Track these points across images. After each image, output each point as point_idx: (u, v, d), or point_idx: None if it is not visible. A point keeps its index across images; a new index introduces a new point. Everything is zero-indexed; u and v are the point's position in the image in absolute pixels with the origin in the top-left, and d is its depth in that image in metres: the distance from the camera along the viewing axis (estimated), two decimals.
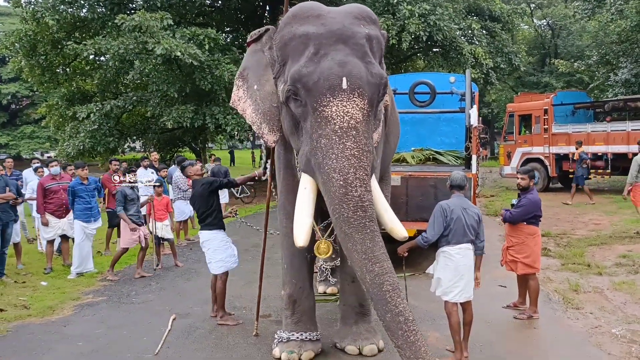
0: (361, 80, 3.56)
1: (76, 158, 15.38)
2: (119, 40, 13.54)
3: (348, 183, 3.46)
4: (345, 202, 3.45)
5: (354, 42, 3.67)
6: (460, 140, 9.13)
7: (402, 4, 15.26)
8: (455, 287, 4.51)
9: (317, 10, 3.86)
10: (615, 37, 18.79)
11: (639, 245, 8.58)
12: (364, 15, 3.89)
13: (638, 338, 4.97)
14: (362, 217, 3.44)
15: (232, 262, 5.64)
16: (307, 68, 3.63)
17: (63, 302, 6.35)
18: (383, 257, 3.43)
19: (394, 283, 3.39)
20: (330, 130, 3.53)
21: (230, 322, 5.55)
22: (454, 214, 4.48)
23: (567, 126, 15.95)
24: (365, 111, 3.59)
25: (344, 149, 3.49)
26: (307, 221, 3.76)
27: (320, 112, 3.57)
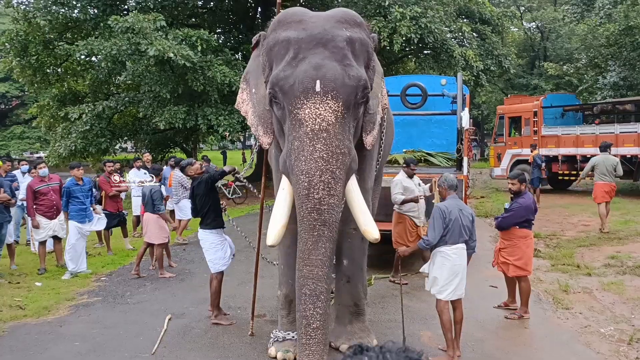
0: (335, 83, 3.59)
1: (68, 159, 15.38)
2: (112, 41, 13.54)
3: (311, 185, 3.51)
4: (305, 203, 3.53)
5: (333, 45, 3.71)
6: (451, 142, 9.23)
7: (394, 7, 15.36)
8: (449, 285, 4.63)
9: (299, 16, 3.93)
10: (604, 40, 19.01)
11: (627, 247, 8.71)
12: (347, 18, 3.93)
13: (626, 337, 5.07)
14: (314, 220, 3.50)
15: (220, 265, 5.67)
16: (284, 72, 3.69)
17: (58, 303, 6.37)
18: (317, 263, 3.47)
19: (315, 289, 3.45)
20: (302, 132, 3.59)
21: (224, 322, 5.60)
22: (452, 215, 4.61)
23: (556, 128, 16.13)
24: (339, 113, 3.61)
25: (313, 151, 3.53)
26: (281, 221, 3.81)
27: (294, 114, 3.63)
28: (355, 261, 4.78)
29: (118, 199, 9.20)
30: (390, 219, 7.78)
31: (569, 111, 17.21)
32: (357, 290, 4.81)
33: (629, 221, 10.81)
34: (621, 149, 13.97)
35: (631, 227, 10.19)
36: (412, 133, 9.76)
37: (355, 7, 16.58)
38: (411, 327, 5.38)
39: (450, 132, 9.23)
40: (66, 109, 16.37)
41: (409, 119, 9.51)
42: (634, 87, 20.08)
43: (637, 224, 10.51)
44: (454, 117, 8.70)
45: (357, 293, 4.80)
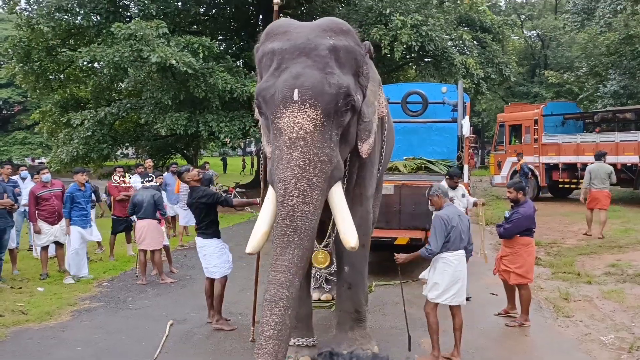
0: (313, 91, 3.59)
1: (70, 165, 15.43)
2: (114, 48, 13.61)
3: (287, 192, 3.52)
4: (279, 209, 3.56)
5: (315, 54, 3.72)
6: (452, 150, 9.27)
7: (395, 15, 15.45)
8: (449, 290, 4.70)
9: (285, 27, 3.97)
10: (604, 49, 19.14)
11: (627, 255, 8.73)
12: (332, 27, 3.93)
13: (626, 345, 5.08)
14: (286, 226, 3.50)
15: (227, 268, 5.76)
16: (267, 82, 3.73)
17: (60, 308, 6.38)
18: (282, 269, 3.44)
19: (275, 295, 3.38)
20: (282, 141, 3.62)
21: (226, 327, 5.64)
22: (452, 222, 4.69)
23: (557, 136, 16.17)
24: (317, 122, 3.60)
25: (290, 159, 3.55)
26: (262, 229, 3.83)
27: (275, 124, 3.67)
28: (356, 268, 4.79)
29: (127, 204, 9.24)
30: (391, 226, 7.84)
31: (569, 119, 17.27)
32: (358, 296, 4.83)
33: (629, 229, 10.83)
34: (622, 157, 14.00)
35: (631, 235, 10.21)
36: (412, 140, 9.80)
37: (356, 14, 16.72)
38: (412, 334, 5.37)
39: (451, 139, 9.27)
40: (68, 115, 16.44)
41: (409, 127, 9.55)
42: (634, 96, 20.16)
43: (637, 232, 10.53)
44: (454, 124, 8.74)
45: (358, 300, 4.82)
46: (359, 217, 4.50)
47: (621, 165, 14.02)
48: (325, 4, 18.37)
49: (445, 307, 4.82)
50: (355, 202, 4.33)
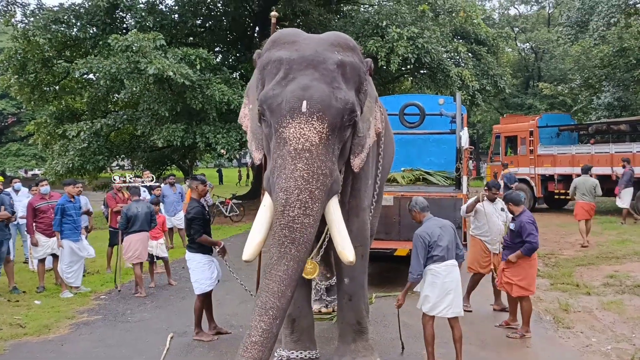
0: (322, 104, 3.61)
1: (65, 176, 15.35)
2: (111, 60, 13.61)
3: (288, 203, 3.50)
4: (279, 219, 3.53)
5: (323, 68, 3.74)
6: (449, 161, 9.31)
7: (391, 27, 15.59)
8: (442, 302, 4.67)
9: (293, 37, 3.98)
10: (598, 61, 19.32)
11: (625, 266, 8.75)
12: (340, 42, 3.98)
13: (627, 357, 5.09)
14: (284, 236, 3.48)
15: (206, 285, 5.68)
16: (273, 91, 3.72)
17: (58, 321, 6.32)
18: (276, 278, 3.42)
19: (266, 302, 3.37)
20: (286, 151, 3.60)
21: (205, 338, 5.63)
22: (434, 236, 4.66)
23: (552, 148, 16.28)
24: (323, 135, 3.62)
25: (294, 170, 3.54)
26: (258, 238, 3.79)
27: (280, 133, 3.65)
28: (355, 279, 4.78)
29: None
30: (391, 238, 7.84)
31: (564, 131, 17.41)
32: (359, 308, 4.81)
33: (626, 240, 10.88)
34: (617, 169, 14.08)
35: (628, 246, 10.25)
36: (410, 152, 9.85)
37: (353, 26, 16.83)
38: (413, 346, 5.38)
39: (448, 151, 9.31)
40: (64, 127, 16.42)
41: (407, 138, 9.59)
42: (628, 108, 20.35)
43: (634, 243, 10.57)
44: (451, 136, 8.78)
45: (360, 311, 4.81)
46: (356, 229, 4.51)
47: (616, 177, 14.10)
48: (321, 16, 18.49)
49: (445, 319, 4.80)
50: (351, 214, 4.34)
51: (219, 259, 5.88)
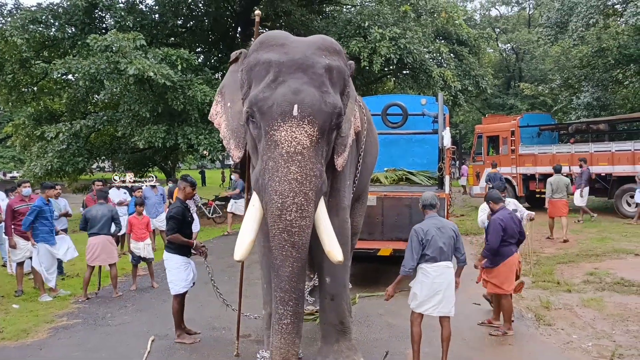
0: (312, 108, 3.69)
1: (44, 178, 15.12)
2: (90, 60, 13.43)
3: (285, 207, 3.60)
4: (277, 223, 3.63)
5: (312, 72, 3.81)
6: (432, 161, 9.35)
7: (373, 28, 15.62)
8: (429, 302, 4.69)
9: (282, 39, 4.02)
10: (577, 62, 19.54)
11: (604, 263, 8.86)
12: (327, 46, 4.05)
13: (608, 353, 5.14)
14: (284, 240, 3.62)
15: (180, 287, 5.64)
16: (264, 93, 3.76)
17: (37, 325, 6.21)
18: (285, 278, 3.68)
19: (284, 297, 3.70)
20: (277, 153, 3.67)
21: (187, 341, 5.58)
22: (428, 235, 4.65)
23: (533, 147, 16.43)
24: (314, 138, 3.71)
25: (287, 173, 3.62)
26: (249, 237, 3.88)
27: (270, 135, 3.71)
28: (338, 279, 4.77)
29: None
30: (374, 238, 7.84)
31: (545, 130, 17.59)
32: (341, 308, 4.80)
33: (605, 238, 11.01)
34: (596, 168, 14.26)
35: (608, 244, 10.38)
36: (393, 152, 9.86)
37: (335, 27, 16.84)
38: (396, 346, 5.38)
39: (431, 151, 9.35)
40: (42, 128, 16.16)
41: (390, 138, 9.61)
42: (607, 107, 20.61)
43: (614, 240, 10.71)
44: (434, 136, 8.81)
45: (342, 311, 4.79)
46: (336, 228, 4.50)
47: (595, 175, 14.29)
48: (304, 17, 18.46)
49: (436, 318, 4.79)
50: (331, 213, 4.34)
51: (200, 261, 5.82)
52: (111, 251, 7.62)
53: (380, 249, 7.54)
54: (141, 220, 8.19)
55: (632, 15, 14.87)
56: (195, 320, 6.16)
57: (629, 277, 7.71)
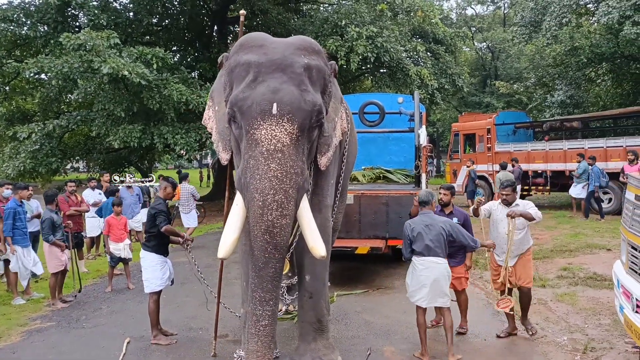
0: (291, 106, 3.72)
1: (16, 179, 14.76)
2: (63, 59, 13.19)
3: (265, 205, 3.63)
4: (259, 223, 3.66)
5: (291, 71, 3.85)
6: (409, 159, 9.40)
7: (350, 26, 15.65)
8: (417, 293, 4.91)
9: (260, 41, 4.07)
10: (551, 60, 19.82)
11: (578, 259, 9.01)
12: (306, 46, 4.10)
13: (581, 347, 5.23)
14: (267, 242, 3.66)
15: (156, 285, 5.61)
16: (243, 93, 3.80)
17: (10, 329, 6.11)
18: (267, 278, 3.73)
19: (264, 297, 3.74)
20: (258, 152, 3.70)
21: (163, 342, 5.54)
22: (414, 232, 4.90)
23: (508, 145, 16.64)
24: (294, 136, 3.74)
25: (267, 170, 3.65)
26: (233, 236, 3.89)
27: (251, 134, 3.74)
28: (317, 277, 4.79)
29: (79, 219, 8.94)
30: (351, 236, 7.85)
31: (520, 128, 17.82)
32: (320, 306, 4.80)
33: (578, 234, 11.19)
34: (570, 165, 14.49)
35: (581, 240, 10.55)
36: (370, 150, 9.89)
37: (312, 26, 16.82)
38: (374, 343, 5.40)
39: (408, 149, 9.40)
40: (14, 128, 15.80)
41: (367, 137, 9.63)
42: (580, 105, 20.97)
43: (587, 236, 10.90)
44: (411, 134, 8.86)
45: (320, 309, 4.79)
46: (319, 225, 4.51)
47: (569, 172, 14.52)
48: (280, 15, 18.41)
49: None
50: (314, 211, 4.35)
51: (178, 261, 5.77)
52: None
53: (358, 247, 7.56)
54: (119, 221, 8.08)
55: (603, 14, 15.13)
56: (171, 321, 6.11)
57: (601, 271, 7.85)
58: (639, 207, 4.31)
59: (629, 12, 14.62)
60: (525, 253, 5.54)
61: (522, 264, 5.52)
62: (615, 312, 5.27)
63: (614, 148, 13.93)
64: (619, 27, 15.44)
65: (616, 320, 5.59)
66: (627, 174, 6.79)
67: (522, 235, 5.48)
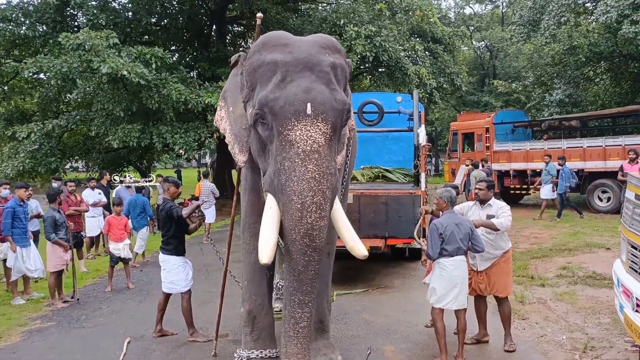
0: (325, 106, 3.67)
1: (15, 179, 14.79)
2: (62, 59, 13.20)
3: (304, 207, 3.56)
4: (298, 226, 3.58)
5: (319, 70, 3.80)
6: (407, 158, 9.40)
7: (349, 26, 15.66)
8: (448, 295, 4.81)
9: (285, 39, 3.99)
10: (549, 59, 19.84)
11: (577, 257, 9.03)
12: (329, 44, 4.05)
13: (580, 346, 5.24)
14: (306, 245, 3.60)
15: (183, 287, 5.64)
16: (274, 93, 3.72)
17: (10, 329, 6.11)
18: (307, 281, 3.71)
19: (303, 300, 3.75)
20: (293, 153, 3.63)
21: (201, 339, 5.55)
22: (447, 231, 4.81)
23: (507, 144, 16.66)
24: (328, 135, 3.70)
25: (305, 172, 3.58)
26: (272, 239, 3.80)
27: (284, 135, 3.67)
28: (321, 277, 4.74)
29: (79, 219, 8.93)
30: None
31: (518, 127, 17.84)
32: (322, 306, 4.81)
33: (577, 233, 11.22)
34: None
35: (580, 238, 10.57)
36: (369, 150, 9.89)
37: (310, 25, 16.82)
38: (374, 342, 5.40)
39: (407, 148, 9.40)
40: (13, 128, 15.80)
41: (366, 136, 9.63)
42: (579, 104, 20.98)
43: (586, 235, 10.92)
44: (410, 133, 8.86)
45: (322, 309, 4.80)
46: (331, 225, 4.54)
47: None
48: (279, 14, 18.41)
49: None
50: None
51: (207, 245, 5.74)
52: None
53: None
54: (120, 221, 8.09)
55: (602, 13, 15.16)
56: (173, 320, 6.10)
57: (600, 270, 7.86)
58: (639, 206, 4.32)
59: (627, 11, 14.65)
60: (500, 258, 5.23)
61: (496, 271, 5.24)
62: (614, 311, 5.28)
63: (612, 147, 13.95)
64: (618, 26, 15.47)
65: (616, 319, 5.60)
66: (627, 173, 6.81)
67: (494, 237, 5.19)
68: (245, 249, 4.72)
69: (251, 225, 4.65)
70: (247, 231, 4.71)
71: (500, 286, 5.25)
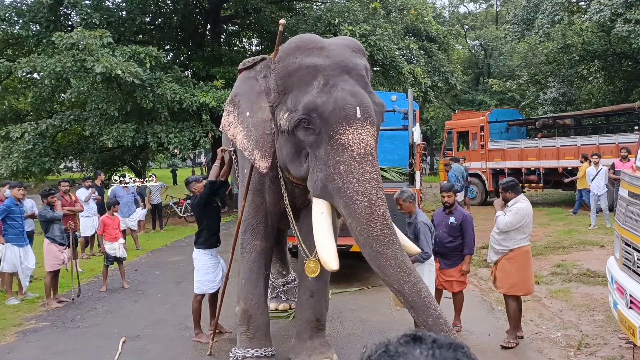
0: (370, 109, 3.75)
1: (9, 179, 14.73)
2: (56, 58, 13.14)
3: (372, 203, 3.57)
4: (373, 221, 3.56)
5: (356, 73, 3.85)
6: (403, 157, 9.40)
7: (343, 25, 15.65)
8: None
9: (319, 42, 4.01)
10: (543, 58, 19.93)
11: (571, 255, 9.07)
12: (357, 48, 4.13)
13: (575, 343, 5.27)
14: (390, 235, 3.59)
15: (208, 288, 5.61)
16: (320, 98, 3.72)
17: (4, 329, 6.09)
18: (413, 268, 3.65)
19: (428, 289, 3.61)
20: (348, 156, 3.65)
21: (203, 340, 5.53)
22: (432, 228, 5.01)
23: (502, 142, 16.71)
24: (375, 137, 3.80)
25: (364, 173, 3.62)
26: (332, 245, 3.84)
27: (337, 139, 3.67)
28: (321, 276, 4.74)
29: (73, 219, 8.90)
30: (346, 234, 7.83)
31: (513, 126, 17.89)
32: (320, 305, 4.82)
33: (572, 231, 11.27)
34: (562, 162, 14.58)
35: (574, 236, 10.62)
36: None
37: (305, 24, 16.81)
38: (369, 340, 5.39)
39: (402, 147, 9.40)
40: (7, 128, 15.73)
41: None
42: (573, 103, 21.08)
43: (580, 233, 10.97)
44: (405, 132, 8.86)
45: (320, 308, 4.81)
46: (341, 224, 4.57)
47: (562, 169, 14.60)
48: (273, 13, 18.40)
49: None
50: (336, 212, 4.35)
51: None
52: None
53: (353, 245, 7.55)
54: (114, 220, 8.07)
55: (595, 12, 15.22)
56: (167, 320, 6.12)
57: (595, 268, 7.90)
58: (632, 203, 4.35)
59: (620, 9, 14.72)
60: (504, 255, 5.26)
61: (501, 268, 5.30)
62: (609, 308, 5.30)
63: (606, 145, 14.00)
64: (611, 24, 15.55)
65: (610, 316, 5.63)
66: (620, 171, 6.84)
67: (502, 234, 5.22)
68: (245, 249, 4.71)
69: (255, 226, 4.68)
70: (250, 232, 4.70)
71: (503, 284, 5.29)
